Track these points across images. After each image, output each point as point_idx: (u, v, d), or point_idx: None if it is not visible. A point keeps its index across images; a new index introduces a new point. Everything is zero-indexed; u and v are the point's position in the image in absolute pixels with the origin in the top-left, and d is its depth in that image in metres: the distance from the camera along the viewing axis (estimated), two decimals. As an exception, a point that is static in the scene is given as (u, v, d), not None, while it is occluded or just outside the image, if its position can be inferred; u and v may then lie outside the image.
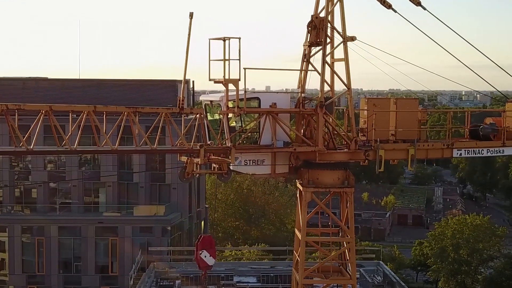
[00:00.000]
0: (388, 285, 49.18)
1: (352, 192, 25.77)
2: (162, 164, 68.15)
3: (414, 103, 27.14)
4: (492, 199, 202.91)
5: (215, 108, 25.37)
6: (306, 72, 25.55)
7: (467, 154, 27.62)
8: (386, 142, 26.32)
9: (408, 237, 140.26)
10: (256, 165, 25.13)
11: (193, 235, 69.67)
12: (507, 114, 28.08)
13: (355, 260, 25.95)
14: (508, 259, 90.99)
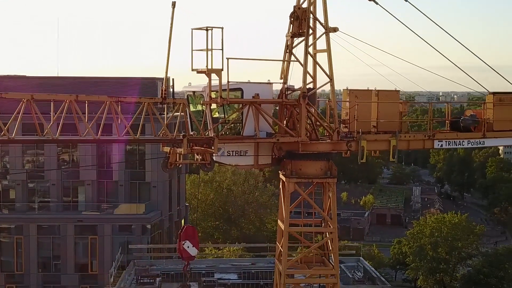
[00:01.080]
0: (369, 281, 49.50)
1: (334, 183, 25.84)
2: (142, 162, 67.86)
3: (395, 95, 27.25)
4: (469, 199, 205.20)
5: (197, 99, 25.30)
6: (289, 63, 25.56)
7: (448, 145, 27.86)
8: (368, 133, 26.46)
9: (387, 236, 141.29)
10: (239, 156, 25.12)
11: (173, 234, 69.41)
12: (487, 106, 28.32)
13: (338, 250, 25.95)
14: (486, 257, 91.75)
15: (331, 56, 25.11)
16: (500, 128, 28.46)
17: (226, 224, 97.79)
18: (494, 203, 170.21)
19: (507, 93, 28.67)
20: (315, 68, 25.49)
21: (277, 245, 27.28)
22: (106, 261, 63.60)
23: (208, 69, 23.11)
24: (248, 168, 26.34)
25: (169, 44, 22.89)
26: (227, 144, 24.66)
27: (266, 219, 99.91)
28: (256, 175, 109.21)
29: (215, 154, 24.23)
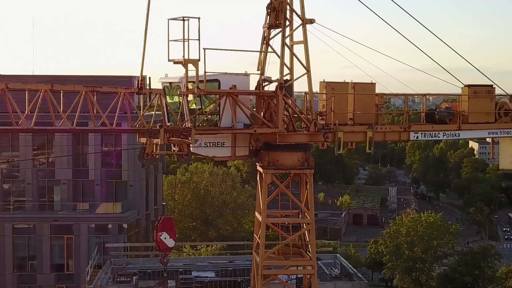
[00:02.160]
0: (346, 277, 49.70)
1: (311, 174, 25.90)
2: (118, 161, 67.48)
3: (371, 87, 27.42)
4: (445, 199, 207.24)
5: (174, 90, 25.20)
6: (266, 54, 25.60)
7: (424, 137, 28.08)
8: (344, 125, 26.59)
9: (363, 236, 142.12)
10: (216, 147, 25.07)
11: (150, 233, 69.08)
12: (462, 98, 28.61)
13: (315, 241, 26.02)
14: (461, 256, 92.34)
15: (308, 48, 25.22)
16: (475, 120, 28.78)
17: (204, 225, 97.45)
18: (469, 203, 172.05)
19: (482, 86, 29.01)
20: (292, 60, 25.57)
21: (254, 237, 27.29)
22: (82, 260, 63.06)
23: (185, 60, 23.06)
24: (225, 160, 26.16)
25: (145, 34, 22.83)
26: (204, 135, 24.61)
27: (243, 220, 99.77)
28: (234, 176, 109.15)
29: (192, 145, 24.17)
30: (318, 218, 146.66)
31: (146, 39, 22.85)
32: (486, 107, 28.90)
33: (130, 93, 23.00)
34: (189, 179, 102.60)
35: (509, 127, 29.37)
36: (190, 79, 23.76)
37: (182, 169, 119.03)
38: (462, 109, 28.54)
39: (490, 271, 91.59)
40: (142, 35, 23.03)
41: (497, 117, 29.49)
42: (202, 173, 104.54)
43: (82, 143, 67.74)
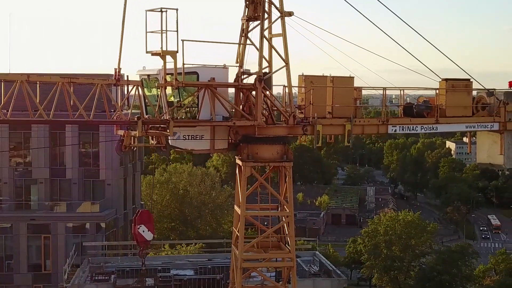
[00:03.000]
0: (324, 274, 49.87)
1: (290, 167, 25.88)
2: (96, 159, 66.95)
3: (349, 81, 27.47)
4: (422, 199, 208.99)
5: (152, 83, 25.01)
6: (244, 46, 25.54)
7: (402, 131, 28.20)
8: (323, 118, 26.60)
9: (342, 236, 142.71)
10: (195, 140, 24.95)
11: (128, 233, 68.69)
12: (440, 92, 28.76)
13: (294, 234, 25.99)
14: (439, 255, 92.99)
15: (286, 41, 25.20)
16: (453, 114, 28.95)
17: (182, 225, 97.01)
18: (447, 203, 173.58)
19: (459, 80, 29.18)
20: (271, 52, 25.52)
21: (233, 230, 27.23)
22: (59, 260, 62.38)
23: (163, 51, 22.87)
24: (204, 153, 26.02)
25: (123, 25, 22.65)
26: (183, 128, 24.48)
27: (222, 220, 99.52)
28: (213, 176, 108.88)
29: (170, 138, 24.03)
30: (297, 218, 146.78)
31: (123, 30, 22.69)
32: (463, 101, 29.07)
33: (107, 84, 22.74)
34: (168, 179, 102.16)
35: (486, 121, 29.60)
36: (168, 71, 23.57)
37: (160, 170, 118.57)
38: (439, 103, 28.67)
39: (468, 270, 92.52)
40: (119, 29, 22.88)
41: (474, 111, 29.70)
42: (181, 173, 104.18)
43: (59, 142, 67.02)
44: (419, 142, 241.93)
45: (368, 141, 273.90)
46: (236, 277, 25.71)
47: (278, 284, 26.78)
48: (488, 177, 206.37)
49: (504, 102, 29.69)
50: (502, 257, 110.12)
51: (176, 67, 23.14)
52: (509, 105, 29.83)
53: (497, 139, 30.53)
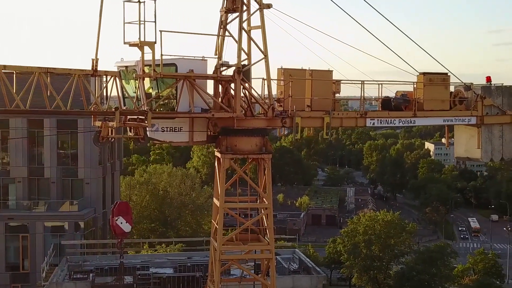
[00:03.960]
0: (304, 271, 49.83)
1: (269, 159, 25.90)
2: (75, 158, 66.44)
3: (328, 74, 27.53)
4: (401, 199, 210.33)
5: (130, 74, 24.83)
6: (223, 38, 25.50)
7: (380, 124, 28.33)
8: (302, 111, 26.64)
9: (322, 237, 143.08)
10: (173, 132, 24.86)
11: (108, 232, 68.29)
12: (418, 86, 28.94)
13: (273, 226, 25.99)
14: (418, 254, 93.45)
15: (265, 33, 25.21)
16: (430, 107, 29.17)
17: (162, 226, 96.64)
18: (426, 203, 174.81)
19: (437, 74, 29.38)
20: (250, 45, 25.49)
21: (212, 223, 27.16)
22: (38, 259, 61.78)
23: (141, 42, 22.77)
24: (183, 145, 25.91)
25: (100, 15, 22.49)
26: (161, 120, 24.37)
27: (202, 221, 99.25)
28: (193, 177, 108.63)
29: (149, 129, 23.92)
30: (277, 219, 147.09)
31: (100, 21, 22.51)
32: (441, 95, 29.30)
33: (84, 75, 22.56)
34: (148, 180, 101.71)
35: (464, 115, 29.85)
36: (146, 63, 23.49)
37: (140, 170, 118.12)
38: (417, 97, 28.85)
39: (447, 269, 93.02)
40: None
41: (452, 105, 29.94)
42: (160, 174, 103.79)
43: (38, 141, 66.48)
44: (398, 143, 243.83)
45: (348, 142, 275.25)
46: (214, 270, 25.64)
47: (257, 276, 26.75)
48: (466, 178, 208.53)
49: (482, 97, 29.96)
50: (481, 257, 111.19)
51: (154, 58, 23.04)
52: (487, 99, 30.11)
53: (475, 133, 30.78)
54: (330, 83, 27.36)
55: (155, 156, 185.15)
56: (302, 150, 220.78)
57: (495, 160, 31.66)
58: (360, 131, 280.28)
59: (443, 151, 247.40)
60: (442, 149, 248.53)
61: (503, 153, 31.23)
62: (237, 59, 24.75)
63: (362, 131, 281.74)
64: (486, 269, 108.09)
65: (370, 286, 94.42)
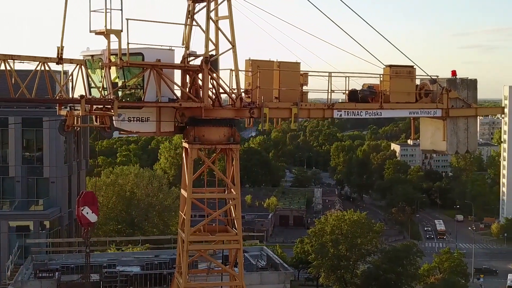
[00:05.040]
0: (272, 267, 49.90)
1: (238, 149, 25.84)
2: (40, 157, 65.48)
3: (296, 66, 27.55)
4: (368, 200, 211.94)
5: (96, 63, 24.55)
6: (191, 28, 25.35)
7: (347, 115, 28.41)
8: (270, 102, 26.59)
9: (290, 237, 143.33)
10: (140, 123, 24.63)
11: (73, 231, 67.51)
12: (384, 78, 29.12)
13: (241, 216, 25.91)
14: (385, 254, 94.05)
15: (233, 23, 25.16)
16: (396, 100, 29.38)
17: (129, 228, 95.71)
18: (392, 204, 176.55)
19: (403, 66, 29.59)
20: (217, 35, 25.40)
21: (180, 214, 26.97)
22: (3, 259, 60.55)
23: (107, 30, 22.53)
24: (150, 135, 25.67)
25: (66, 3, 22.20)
26: (127, 110, 24.12)
27: (170, 222, 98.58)
28: (160, 178, 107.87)
29: (115, 119, 23.66)
30: (245, 220, 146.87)
31: (66, 8, 22.21)
32: (407, 87, 29.53)
33: (49, 63, 22.22)
34: (114, 181, 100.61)
35: (429, 108, 30.11)
36: (112, 52, 23.24)
37: (107, 172, 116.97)
38: (384, 89, 29.03)
39: (413, 269, 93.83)
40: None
41: (417, 97, 30.19)
42: (127, 175, 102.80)
43: (2, 140, 65.41)
44: (365, 144, 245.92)
45: (315, 143, 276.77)
46: (182, 261, 25.46)
47: (226, 267, 26.65)
48: (432, 179, 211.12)
49: (447, 90, 30.27)
50: (446, 256, 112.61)
51: (121, 46, 22.80)
52: (452, 92, 30.43)
53: (440, 126, 31.08)
54: (298, 75, 27.38)
55: (122, 157, 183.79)
56: (270, 152, 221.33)
57: (460, 152, 32.02)
58: (327, 133, 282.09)
59: (409, 152, 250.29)
60: (408, 150, 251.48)
61: (468, 145, 31.59)
62: (205, 49, 24.65)
63: (330, 132, 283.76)
64: (451, 268, 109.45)
65: (337, 286, 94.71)
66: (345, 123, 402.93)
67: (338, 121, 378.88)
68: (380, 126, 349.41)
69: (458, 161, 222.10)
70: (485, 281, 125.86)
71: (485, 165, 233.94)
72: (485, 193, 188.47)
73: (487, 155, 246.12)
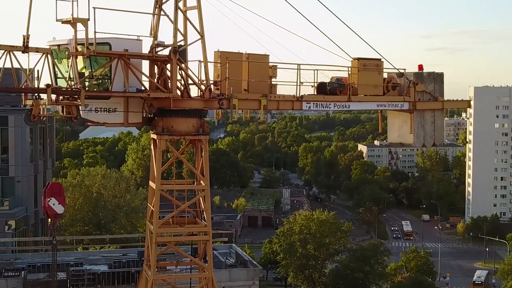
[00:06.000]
0: (241, 265, 49.92)
1: (207, 140, 25.70)
2: (5, 155, 64.34)
3: (265, 58, 27.53)
4: (336, 200, 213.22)
5: (62, 53, 24.20)
6: (159, 18, 25.11)
7: (316, 107, 28.46)
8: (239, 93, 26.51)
9: (258, 238, 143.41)
10: (108, 113, 24.34)
11: (39, 230, 66.57)
12: (352, 71, 29.24)
13: (210, 207, 25.77)
14: (352, 253, 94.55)
15: (201, 13, 25.04)
16: (364, 93, 29.53)
17: (96, 229, 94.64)
18: (359, 204, 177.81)
19: (370, 59, 29.74)
20: (186, 25, 25.24)
21: (148, 207, 26.73)
22: (-35, 260, 59.63)
23: (74, 19, 22.24)
24: (117, 126, 25.38)
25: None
26: (95, 100, 23.84)
27: (138, 224, 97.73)
28: (128, 179, 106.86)
29: (82, 110, 23.36)
30: (213, 221, 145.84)
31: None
32: (374, 80, 29.69)
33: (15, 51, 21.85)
34: (81, 182, 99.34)
35: (397, 100, 30.32)
36: (79, 41, 22.95)
37: (73, 173, 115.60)
38: (352, 82, 29.15)
39: (380, 268, 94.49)
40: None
41: (385, 90, 30.38)
42: (94, 176, 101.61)
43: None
44: (332, 145, 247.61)
45: (284, 145, 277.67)
46: (151, 253, 25.25)
47: (195, 259, 26.49)
48: (398, 179, 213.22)
49: (414, 83, 30.52)
50: (413, 255, 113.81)
51: (88, 35, 22.52)
52: (419, 85, 30.70)
53: (407, 119, 31.30)
54: (267, 67, 27.34)
55: (89, 159, 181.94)
56: (238, 153, 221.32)
57: (427, 145, 32.27)
58: (295, 134, 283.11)
59: (376, 153, 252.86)
60: (375, 151, 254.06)
61: (435, 138, 31.87)
62: (173, 39, 24.49)
63: (298, 133, 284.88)
64: (418, 267, 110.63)
65: (306, 285, 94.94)
66: (313, 125, 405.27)
67: (306, 122, 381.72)
68: (347, 128, 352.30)
69: (424, 161, 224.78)
70: (452, 279, 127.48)
71: (450, 166, 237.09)
72: (451, 193, 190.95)
73: (452, 155, 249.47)
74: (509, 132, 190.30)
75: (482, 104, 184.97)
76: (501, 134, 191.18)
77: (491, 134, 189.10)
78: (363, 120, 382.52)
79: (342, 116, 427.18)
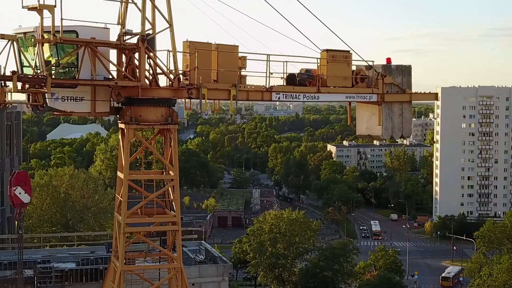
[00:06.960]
0: (210, 261, 49.82)
1: (176, 129, 25.49)
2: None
3: (234, 48, 27.41)
4: (305, 200, 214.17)
5: (29, 41, 23.82)
6: (126, 5, 24.83)
7: (285, 98, 28.43)
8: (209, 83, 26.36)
9: (228, 238, 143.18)
10: (75, 102, 24.00)
11: (5, 230, 65.57)
12: (321, 63, 29.28)
13: (179, 197, 25.57)
14: (322, 252, 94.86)
15: (170, 2, 24.82)
16: (333, 84, 29.58)
17: (64, 230, 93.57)
18: (328, 203, 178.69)
19: (339, 51, 29.81)
20: (154, 13, 24.96)
21: (116, 197, 26.43)
22: None
23: (40, 5, 21.91)
24: (84, 115, 25.03)
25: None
26: (61, 89, 23.47)
27: (106, 224, 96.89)
28: (96, 179, 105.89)
29: (49, 98, 22.99)
30: (183, 222, 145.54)
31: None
32: (343, 72, 29.77)
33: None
34: (48, 183, 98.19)
35: (365, 92, 30.42)
36: (46, 29, 22.60)
37: (41, 173, 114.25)
38: (321, 73, 29.19)
39: (349, 266, 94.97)
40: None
41: (354, 82, 30.47)
42: (62, 176, 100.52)
43: None
44: (302, 145, 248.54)
45: (254, 145, 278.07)
46: (119, 244, 24.95)
47: (164, 249, 26.25)
48: (367, 179, 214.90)
49: (382, 75, 30.68)
50: (381, 254, 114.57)
51: (54, 22, 22.19)
52: (387, 77, 30.86)
53: (376, 111, 31.44)
54: (236, 57, 27.23)
55: (56, 160, 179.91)
56: (208, 153, 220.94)
57: (395, 137, 32.51)
58: (265, 135, 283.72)
59: (345, 153, 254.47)
60: (344, 151, 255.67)
61: (403, 130, 32.07)
62: (141, 27, 24.25)
63: (268, 134, 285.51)
64: (386, 265, 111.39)
65: (275, 284, 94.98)
66: (282, 126, 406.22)
67: (275, 123, 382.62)
68: (316, 128, 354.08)
69: (392, 161, 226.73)
70: (420, 278, 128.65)
71: (418, 165, 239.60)
72: (419, 193, 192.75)
73: (420, 155, 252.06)
74: (475, 132, 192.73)
75: (449, 105, 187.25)
76: (468, 134, 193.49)
77: (458, 134, 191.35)
78: (332, 121, 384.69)
79: (312, 117, 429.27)
